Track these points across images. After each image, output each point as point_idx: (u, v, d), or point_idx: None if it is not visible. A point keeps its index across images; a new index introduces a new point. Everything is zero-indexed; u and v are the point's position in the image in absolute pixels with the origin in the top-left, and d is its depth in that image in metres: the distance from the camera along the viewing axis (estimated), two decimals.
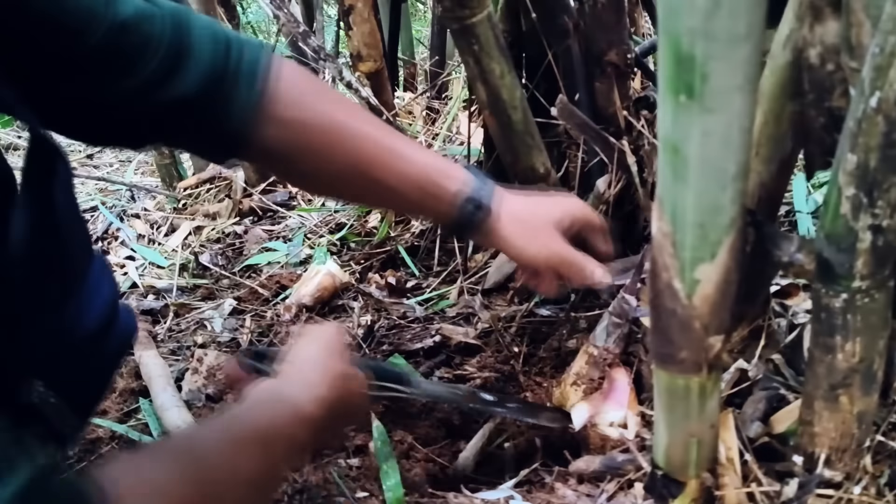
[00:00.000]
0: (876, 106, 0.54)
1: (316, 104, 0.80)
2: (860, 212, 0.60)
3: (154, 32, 0.71)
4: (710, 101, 0.48)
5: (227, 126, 0.76)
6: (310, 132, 0.79)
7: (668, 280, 0.59)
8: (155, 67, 0.70)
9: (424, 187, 0.84)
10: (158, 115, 0.73)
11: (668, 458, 0.75)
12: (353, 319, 1.43)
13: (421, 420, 1.18)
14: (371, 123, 0.84)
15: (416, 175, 0.83)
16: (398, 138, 0.85)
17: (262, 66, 0.77)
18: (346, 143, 0.81)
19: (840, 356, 0.69)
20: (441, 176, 0.84)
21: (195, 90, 0.72)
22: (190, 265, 1.77)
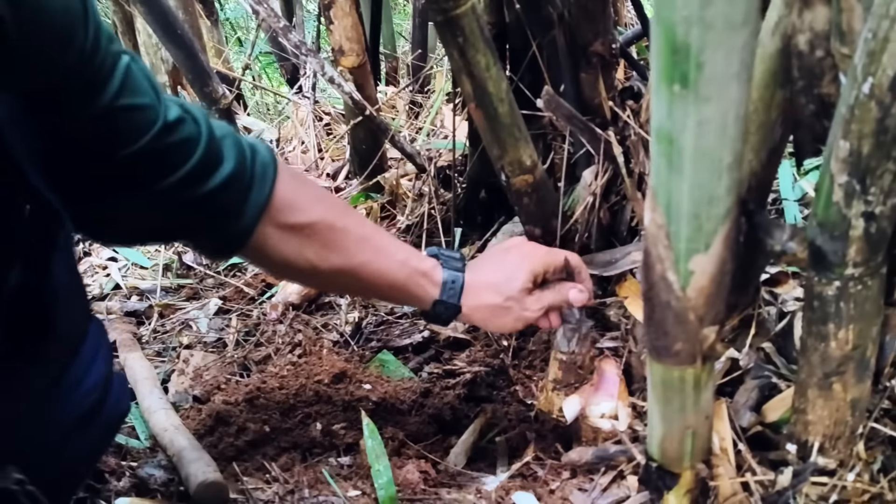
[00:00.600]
0: (869, 92, 0.54)
1: (312, 208, 0.86)
2: (853, 199, 0.59)
3: (194, 132, 0.74)
4: (706, 90, 0.47)
5: (237, 225, 0.80)
6: (306, 235, 0.85)
7: (663, 272, 0.58)
8: (193, 166, 0.74)
9: (404, 290, 0.94)
10: (182, 210, 0.76)
11: (663, 450, 0.75)
12: (341, 316, 1.42)
13: (412, 416, 1.17)
14: (362, 224, 0.93)
15: (399, 277, 0.93)
16: (385, 239, 0.94)
17: (271, 170, 0.82)
18: (340, 246, 0.88)
19: (834, 344, 0.69)
20: (418, 277, 0.94)
21: (222, 187, 0.76)
22: (173, 265, 1.75)
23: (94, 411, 0.69)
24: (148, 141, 0.69)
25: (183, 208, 0.76)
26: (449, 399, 1.21)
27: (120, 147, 0.68)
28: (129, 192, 0.72)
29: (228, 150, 0.78)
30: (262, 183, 0.80)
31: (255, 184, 0.80)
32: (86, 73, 0.63)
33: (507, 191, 1.23)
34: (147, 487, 1.00)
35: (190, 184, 0.74)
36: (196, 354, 1.35)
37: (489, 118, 1.11)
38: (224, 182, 0.76)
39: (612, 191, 1.25)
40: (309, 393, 1.18)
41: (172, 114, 0.71)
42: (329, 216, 0.87)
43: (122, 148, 0.68)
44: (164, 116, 0.70)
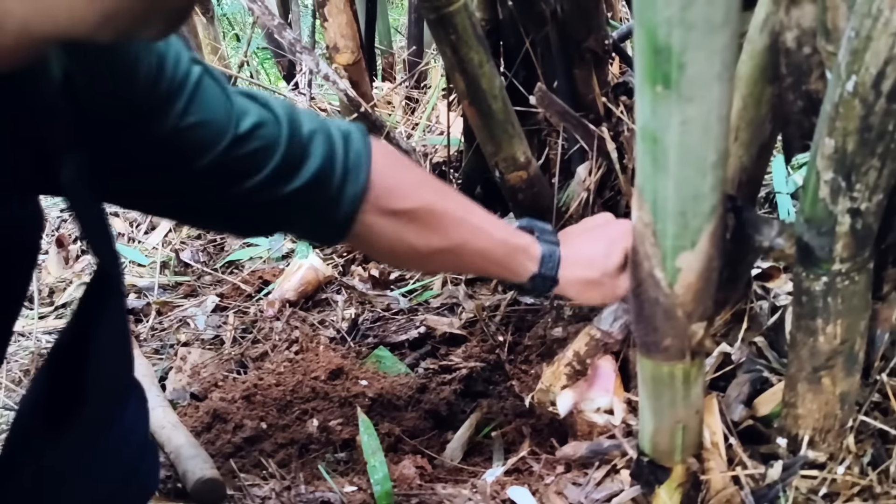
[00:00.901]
0: (852, 90, 0.54)
1: (412, 192, 0.86)
2: (839, 195, 0.60)
3: (272, 137, 0.73)
4: (689, 91, 0.47)
5: (336, 217, 0.80)
6: (408, 220, 0.85)
7: (650, 269, 0.59)
8: (272, 170, 0.73)
9: (503, 264, 0.92)
10: (272, 209, 0.77)
11: (654, 444, 0.75)
12: (338, 313, 1.43)
13: (408, 412, 1.18)
14: (460, 205, 0.92)
15: (498, 254, 0.92)
16: (483, 217, 0.92)
17: (365, 158, 0.81)
18: (440, 228, 0.87)
19: (822, 339, 0.70)
20: (517, 253, 0.92)
21: (311, 185, 0.76)
22: (171, 263, 1.75)
23: (128, 479, 0.67)
24: (217, 155, 0.69)
25: (267, 208, 0.76)
26: (445, 394, 1.21)
27: (188, 162, 0.68)
28: (202, 200, 0.73)
29: (316, 147, 0.77)
30: (356, 173, 0.80)
31: (349, 175, 0.79)
32: (151, 99, 0.63)
33: (501, 187, 1.24)
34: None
35: (270, 186, 0.74)
36: (194, 352, 1.36)
37: (483, 115, 1.12)
38: (311, 180, 0.76)
39: (606, 186, 1.26)
40: (306, 389, 1.19)
41: (247, 123, 0.71)
42: (429, 199, 0.87)
43: (191, 163, 0.68)
44: (236, 128, 0.70)
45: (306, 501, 0.96)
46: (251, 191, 0.73)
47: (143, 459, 0.68)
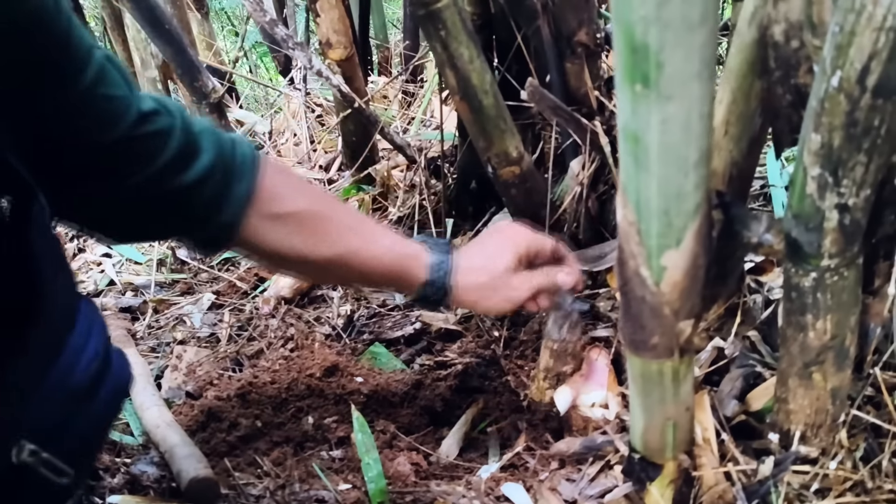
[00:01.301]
0: (837, 85, 0.54)
1: (299, 197, 0.87)
2: (826, 191, 0.59)
3: (168, 125, 0.75)
4: (668, 89, 0.47)
5: (222, 218, 0.81)
6: (294, 224, 0.87)
7: (636, 268, 0.58)
8: (167, 159, 0.75)
9: (393, 273, 0.95)
10: (164, 204, 0.78)
11: (645, 441, 0.75)
12: (333, 310, 1.43)
13: (403, 408, 1.18)
14: (348, 213, 0.95)
15: (386, 262, 0.94)
16: (372, 227, 0.95)
17: (251, 162, 0.83)
18: (328, 235, 0.89)
19: (812, 334, 0.69)
20: (407, 260, 0.95)
21: (202, 179, 0.78)
22: (167, 260, 1.75)
23: (97, 382, 0.70)
24: (124, 130, 0.70)
25: (163, 201, 0.77)
26: (440, 390, 1.21)
27: (96, 133, 0.69)
28: (106, 182, 0.73)
29: (206, 143, 0.79)
30: (243, 174, 0.82)
31: (236, 175, 0.81)
32: (62, 57, 0.64)
33: (494, 182, 1.24)
34: (140, 484, 1.01)
35: (167, 176, 0.75)
36: (189, 350, 1.36)
37: (474, 110, 1.11)
38: (203, 174, 0.77)
39: (599, 180, 1.26)
40: (301, 387, 1.19)
41: (146, 105, 0.73)
42: (315, 206, 0.89)
43: (99, 134, 0.69)
44: (139, 107, 0.72)
45: (301, 500, 0.96)
46: (147, 180, 0.74)
47: (110, 363, 0.72)
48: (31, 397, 0.65)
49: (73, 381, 0.68)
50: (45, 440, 0.65)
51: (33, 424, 0.65)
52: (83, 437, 0.71)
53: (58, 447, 0.66)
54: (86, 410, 0.70)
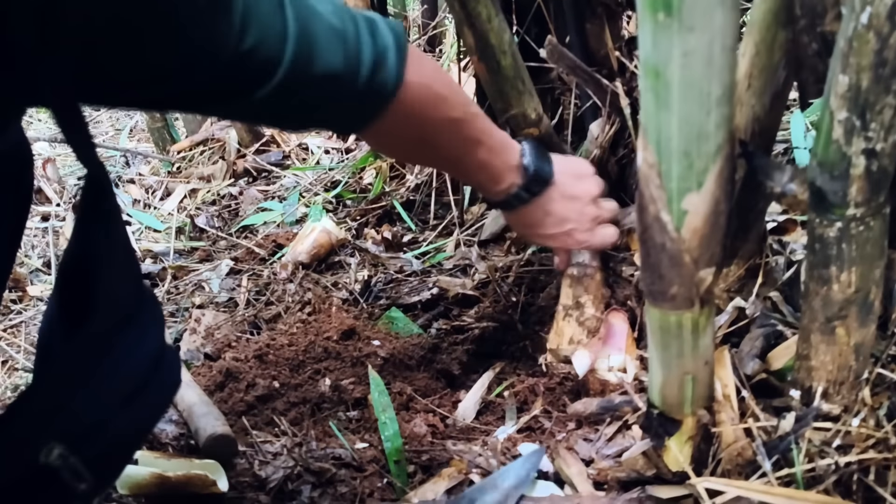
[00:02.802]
0: (867, 22, 0.52)
1: (439, 106, 0.87)
2: (853, 136, 0.58)
3: (273, 56, 0.67)
4: (690, 18, 0.46)
5: (352, 122, 0.82)
6: (429, 132, 0.88)
7: (656, 213, 0.57)
8: (271, 91, 0.68)
9: (501, 169, 0.98)
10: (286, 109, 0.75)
11: (663, 396, 0.74)
12: (350, 275, 1.43)
13: (420, 372, 1.18)
14: (477, 118, 0.94)
15: (502, 160, 0.97)
16: (496, 137, 0.97)
17: (393, 77, 0.78)
18: (455, 139, 0.91)
19: (835, 287, 0.68)
20: (513, 148, 0.99)
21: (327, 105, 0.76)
22: (186, 228, 1.76)
23: (143, 386, 0.66)
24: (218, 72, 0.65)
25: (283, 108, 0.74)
26: (457, 354, 1.21)
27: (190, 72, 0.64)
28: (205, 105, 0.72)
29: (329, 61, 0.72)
30: (381, 91, 0.78)
31: (371, 94, 0.77)
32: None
33: None
34: (159, 441, 1.02)
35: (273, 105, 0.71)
36: (208, 314, 1.36)
37: (492, 71, 1.09)
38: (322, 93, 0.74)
39: (619, 144, 1.24)
40: (318, 349, 1.19)
41: (249, 40, 0.64)
42: (453, 110, 0.89)
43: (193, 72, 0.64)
44: (237, 43, 0.64)
45: (317, 458, 0.96)
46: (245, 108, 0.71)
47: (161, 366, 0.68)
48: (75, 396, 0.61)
49: (117, 384, 0.64)
50: (77, 442, 0.61)
51: (68, 426, 0.61)
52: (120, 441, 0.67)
53: (88, 451, 0.62)
54: (126, 414, 0.65)
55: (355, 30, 0.75)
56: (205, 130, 2.08)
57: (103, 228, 0.61)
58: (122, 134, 2.62)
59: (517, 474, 0.89)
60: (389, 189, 1.67)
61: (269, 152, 1.99)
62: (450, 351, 1.22)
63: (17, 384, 1.27)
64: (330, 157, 1.93)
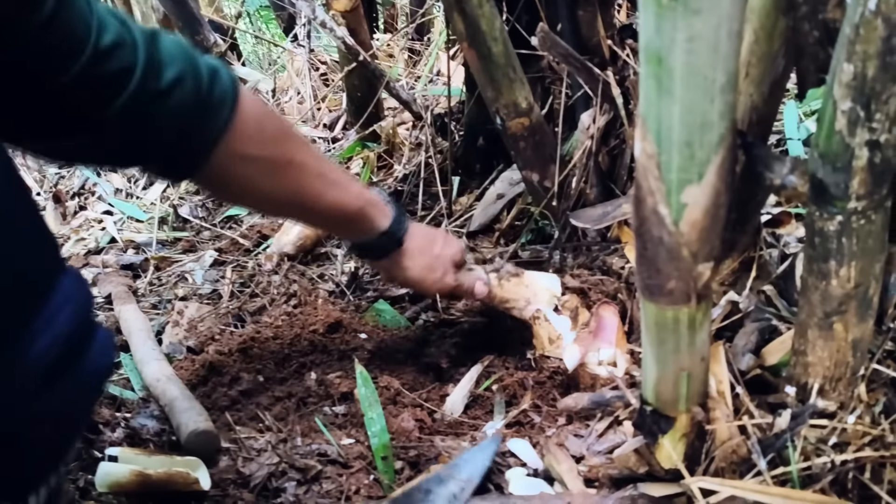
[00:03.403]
0: (875, 8, 0.50)
1: (272, 144, 0.87)
2: (857, 126, 0.56)
3: (130, 60, 0.70)
4: (696, 2, 0.43)
5: (189, 149, 0.79)
6: (264, 168, 0.87)
7: (654, 205, 0.55)
8: (130, 96, 0.70)
9: (356, 218, 0.99)
10: (133, 132, 0.74)
11: (657, 393, 0.73)
12: (337, 267, 1.40)
13: (408, 365, 1.16)
14: (318, 161, 0.94)
15: (354, 208, 0.97)
16: (341, 174, 0.98)
17: (232, 98, 0.81)
18: (296, 179, 0.91)
19: (835, 282, 0.66)
20: (372, 210, 0.99)
21: (169, 124, 0.75)
22: (169, 218, 1.73)
23: (64, 365, 0.62)
24: (82, 65, 0.66)
25: (133, 129, 0.74)
26: (445, 348, 1.19)
27: (56, 68, 0.64)
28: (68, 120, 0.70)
29: (178, 72, 0.74)
30: (219, 109, 0.79)
31: (211, 110, 0.79)
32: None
33: (503, 135, 1.20)
34: (140, 437, 1.00)
35: (132, 113, 0.71)
36: (191, 306, 1.34)
37: (483, 58, 1.07)
38: (172, 117, 0.75)
39: (611, 134, 1.22)
40: (304, 343, 1.17)
41: (107, 39, 0.68)
42: (288, 150, 0.90)
43: (59, 70, 0.64)
44: (97, 41, 0.67)
45: (303, 454, 0.94)
46: (108, 117, 0.70)
47: (88, 346, 0.64)
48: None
49: (33, 363, 0.59)
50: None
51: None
52: (47, 423, 0.63)
53: (14, 432, 0.59)
54: (48, 396, 0.61)
55: (186, 44, 0.79)
56: None
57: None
58: None
59: (474, 463, 0.89)
60: (377, 179, 1.64)
61: None
62: (438, 344, 1.20)
63: None
64: (317, 146, 1.90)
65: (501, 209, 1.47)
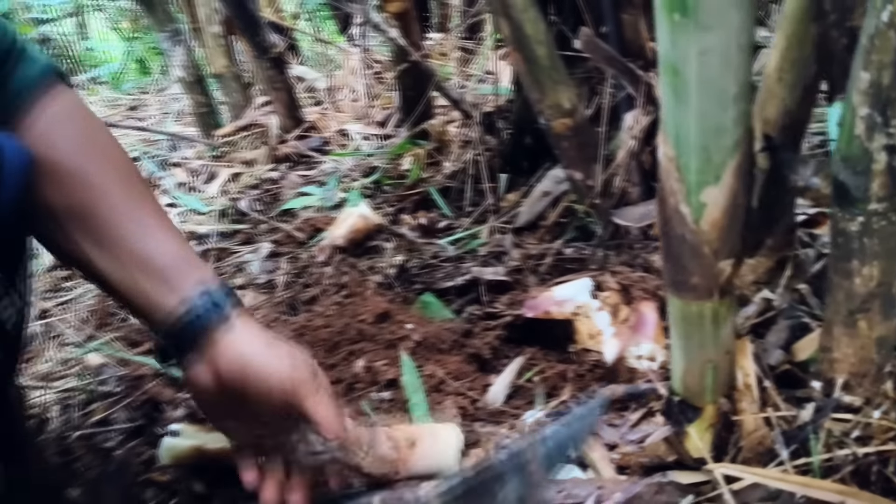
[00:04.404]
0: (888, 20, 0.53)
1: (71, 153, 0.72)
2: (874, 132, 0.59)
3: None
4: (706, 18, 0.47)
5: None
6: (46, 177, 0.70)
7: (676, 205, 0.59)
8: None
9: (159, 272, 0.72)
10: None
11: (685, 384, 0.76)
12: (386, 259, 1.46)
13: (451, 355, 1.20)
14: (127, 192, 0.74)
15: (156, 256, 0.72)
16: (150, 215, 0.75)
17: (34, 90, 0.71)
18: (80, 203, 0.71)
19: (858, 281, 0.69)
20: (183, 265, 0.73)
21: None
22: (229, 211, 1.81)
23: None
24: None
25: None
26: (489, 340, 1.23)
27: None
28: None
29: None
30: (12, 97, 0.69)
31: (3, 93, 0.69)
32: None
33: (547, 134, 1.24)
34: (198, 415, 1.07)
35: None
36: (248, 295, 1.41)
37: (528, 60, 1.11)
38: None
39: (653, 134, 1.25)
40: (352, 332, 1.22)
41: None
42: (91, 167, 0.72)
43: None
44: None
45: None
46: None
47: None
48: None
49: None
50: None
51: None
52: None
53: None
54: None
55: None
56: (248, 116, 2.13)
57: None
58: (168, 118, 2.69)
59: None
60: (426, 176, 1.69)
61: (310, 138, 2.03)
62: (481, 336, 1.24)
63: (66, 358, 1.33)
64: (369, 144, 1.96)
65: (547, 206, 1.50)
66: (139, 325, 1.36)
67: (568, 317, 1.18)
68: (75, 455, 1.03)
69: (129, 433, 1.07)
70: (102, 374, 1.20)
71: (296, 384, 0.74)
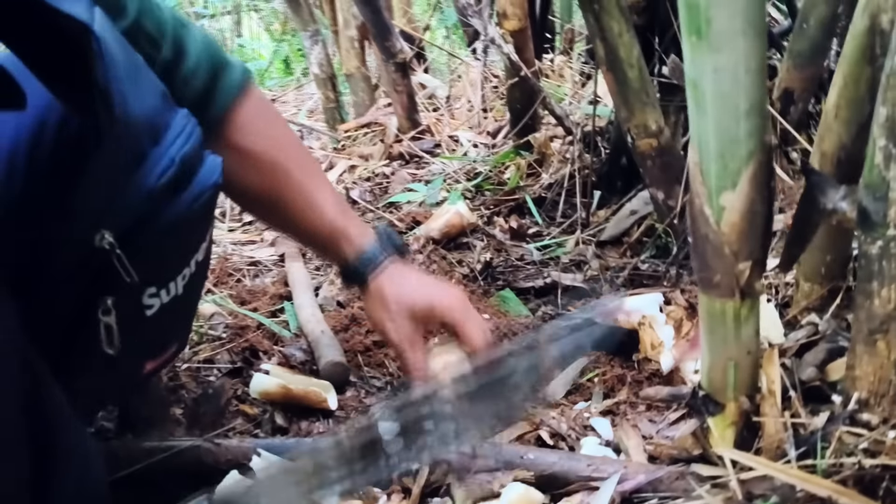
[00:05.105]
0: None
1: (266, 142, 0.93)
2: (891, 161, 0.65)
3: (160, 28, 0.82)
4: (716, 42, 0.56)
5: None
6: (249, 163, 0.92)
7: (700, 206, 0.67)
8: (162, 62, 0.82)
9: (323, 245, 0.99)
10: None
11: (709, 379, 0.83)
12: (474, 255, 1.57)
13: None
14: (309, 175, 0.97)
15: (319, 233, 0.97)
16: (325, 195, 0.98)
17: (238, 89, 0.90)
18: (277, 185, 0.94)
19: (877, 302, 0.74)
20: (340, 240, 0.97)
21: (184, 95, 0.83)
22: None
23: (176, 186, 0.74)
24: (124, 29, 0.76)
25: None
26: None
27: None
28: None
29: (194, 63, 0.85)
30: (221, 100, 0.88)
31: (213, 99, 0.87)
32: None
33: (633, 153, 1.32)
34: (289, 364, 1.22)
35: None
36: None
37: (619, 82, 1.21)
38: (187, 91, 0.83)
39: None
40: None
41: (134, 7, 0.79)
42: (280, 155, 0.94)
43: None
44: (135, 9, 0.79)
45: None
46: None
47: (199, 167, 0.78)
48: (113, 196, 0.71)
49: (149, 184, 0.72)
50: (125, 234, 0.71)
51: (113, 221, 0.71)
52: (164, 236, 0.75)
53: (135, 245, 0.71)
54: (164, 211, 0.74)
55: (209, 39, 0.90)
56: (370, 114, 2.30)
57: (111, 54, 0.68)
58: (302, 112, 2.91)
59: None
60: (524, 184, 1.80)
61: (423, 140, 2.18)
62: None
63: None
64: (476, 151, 2.09)
65: (632, 224, 1.58)
66: (250, 287, 1.53)
67: (634, 326, 1.25)
68: (180, 382, 1.20)
69: (228, 372, 1.23)
70: (212, 321, 1.36)
71: (452, 304, 0.98)
